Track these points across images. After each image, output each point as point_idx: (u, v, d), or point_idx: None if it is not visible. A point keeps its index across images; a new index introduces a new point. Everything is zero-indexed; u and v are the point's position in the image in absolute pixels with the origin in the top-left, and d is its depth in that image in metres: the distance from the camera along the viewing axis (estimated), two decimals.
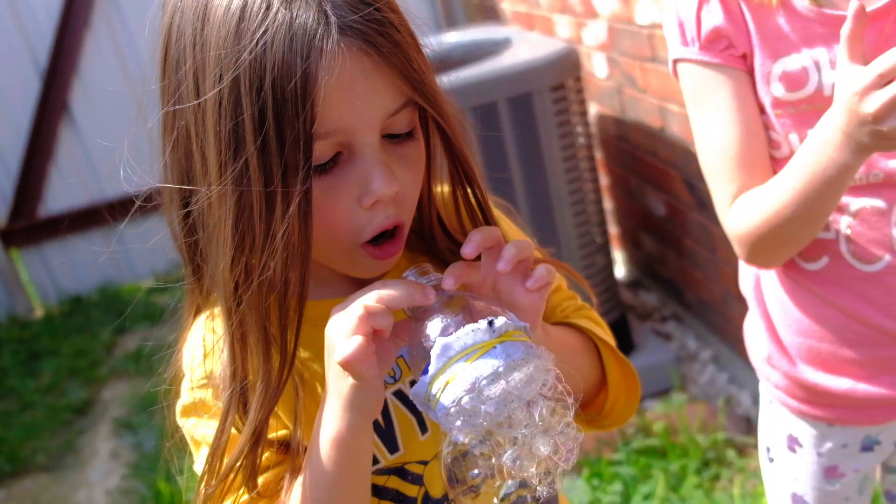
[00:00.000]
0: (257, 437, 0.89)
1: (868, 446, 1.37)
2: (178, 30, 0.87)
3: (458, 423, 0.78)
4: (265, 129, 0.80)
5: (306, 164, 0.81)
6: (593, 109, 3.52)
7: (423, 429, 1.01)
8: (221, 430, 0.91)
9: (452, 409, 0.79)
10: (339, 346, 0.80)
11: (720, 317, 2.98)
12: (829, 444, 1.38)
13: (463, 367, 0.79)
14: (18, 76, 4.89)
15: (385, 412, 0.99)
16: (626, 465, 2.59)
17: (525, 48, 2.97)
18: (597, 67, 3.34)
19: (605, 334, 1.10)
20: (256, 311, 0.86)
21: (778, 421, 1.44)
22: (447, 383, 0.79)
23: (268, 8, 0.80)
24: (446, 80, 1.02)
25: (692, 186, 2.83)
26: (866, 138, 1.04)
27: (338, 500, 0.89)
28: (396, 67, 0.84)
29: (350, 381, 0.82)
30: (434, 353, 0.80)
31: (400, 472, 1.01)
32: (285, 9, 0.80)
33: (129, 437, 3.60)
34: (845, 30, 1.03)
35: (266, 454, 0.94)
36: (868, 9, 1.14)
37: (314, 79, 0.79)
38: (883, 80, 0.99)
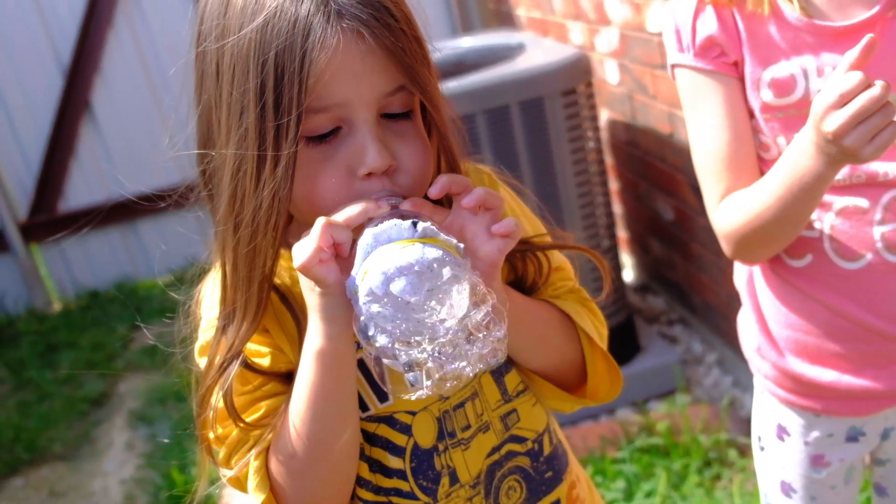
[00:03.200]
0: (230, 361, 0.99)
1: (853, 437, 1.43)
2: (207, 15, 0.98)
3: (373, 308, 0.84)
4: (264, 98, 0.91)
5: (296, 130, 0.91)
6: (605, 115, 3.57)
7: None
8: (209, 360, 1.01)
9: (366, 295, 0.84)
10: (296, 255, 0.89)
11: (726, 321, 3.03)
12: (815, 434, 1.43)
13: (381, 255, 0.85)
14: (42, 74, 4.98)
15: (377, 362, 1.07)
16: (630, 463, 2.64)
17: (538, 53, 3.03)
18: (609, 73, 3.39)
19: (592, 321, 1.16)
20: (246, 252, 0.97)
21: (768, 410, 1.50)
22: (366, 273, 0.85)
23: None
24: (460, 83, 1.09)
25: (699, 192, 2.87)
26: (833, 152, 1.11)
27: (321, 414, 0.98)
28: (389, 51, 0.92)
29: (317, 290, 0.92)
30: (361, 243, 0.87)
31: (389, 420, 1.09)
32: None
33: (144, 429, 3.67)
34: (850, 56, 1.09)
35: (269, 385, 1.04)
36: (857, 19, 1.21)
37: (311, 56, 0.89)
38: (844, 100, 1.06)
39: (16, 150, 5.07)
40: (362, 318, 0.86)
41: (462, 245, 0.89)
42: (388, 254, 0.85)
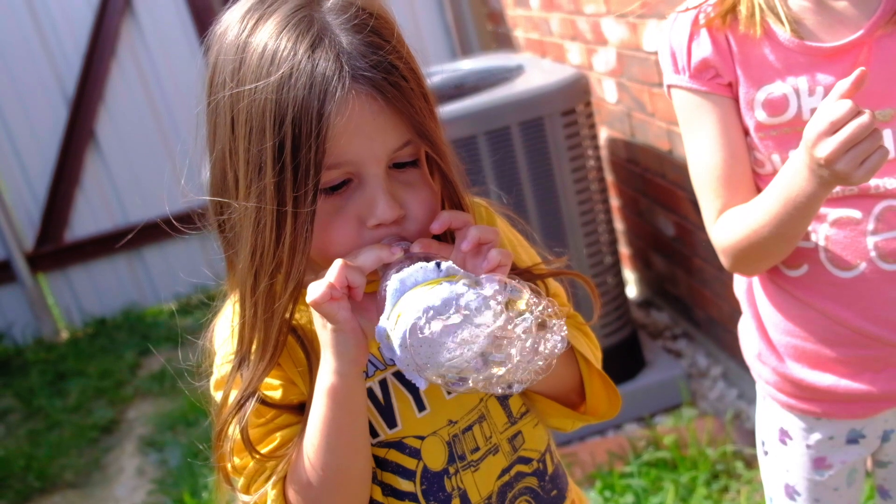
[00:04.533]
0: (245, 400, 1.04)
1: (853, 439, 1.47)
2: (220, 66, 1.01)
3: (409, 349, 0.89)
4: (283, 158, 0.94)
5: (314, 190, 0.95)
6: (604, 133, 3.62)
7: (420, 407, 1.13)
8: (222, 398, 1.06)
9: (401, 337, 0.89)
10: (310, 292, 0.95)
11: (729, 334, 3.05)
12: (816, 436, 1.47)
13: (413, 298, 0.90)
14: (47, 105, 5.05)
15: (385, 391, 1.12)
16: (638, 477, 2.66)
17: (537, 74, 3.08)
18: (607, 92, 3.44)
19: (587, 344, 1.21)
20: (265, 298, 1.01)
21: (770, 415, 1.54)
22: (399, 316, 0.90)
23: (294, 55, 0.95)
24: (461, 105, 1.14)
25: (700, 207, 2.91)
26: (825, 175, 1.16)
27: (334, 447, 1.02)
28: (400, 111, 0.97)
29: (329, 327, 0.97)
30: (389, 289, 0.92)
31: (398, 445, 1.13)
32: (308, 58, 0.94)
33: (155, 455, 3.69)
34: (841, 87, 1.14)
35: (283, 416, 1.08)
36: (845, 40, 1.25)
37: (327, 119, 0.94)
38: (834, 128, 1.12)
39: (22, 180, 5.13)
40: (399, 360, 0.91)
41: (479, 278, 0.94)
42: (419, 296, 0.90)
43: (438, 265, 0.93)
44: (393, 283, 0.93)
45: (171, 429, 3.83)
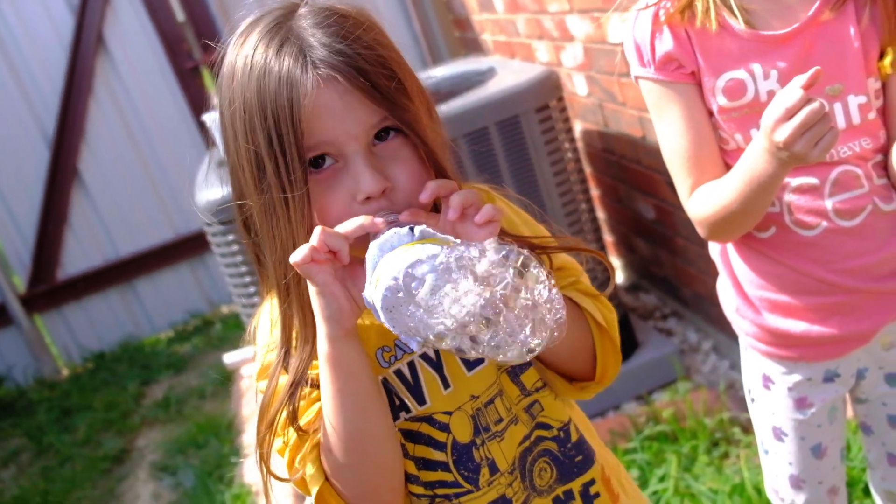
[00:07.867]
0: (295, 387, 1.12)
1: (829, 378, 1.61)
2: (221, 88, 1.15)
3: (390, 312, 0.94)
4: (273, 150, 1.07)
5: (304, 170, 1.07)
6: (578, 126, 3.72)
7: (446, 385, 1.22)
8: (268, 386, 1.15)
9: (381, 300, 0.94)
10: (294, 255, 1.04)
11: (716, 308, 3.13)
12: (796, 378, 1.61)
13: (387, 262, 0.96)
14: (29, 148, 5.11)
15: (413, 371, 1.22)
16: (641, 452, 2.76)
17: (508, 75, 3.17)
18: (577, 86, 3.54)
19: (598, 307, 1.28)
20: (297, 291, 1.11)
21: (753, 364, 1.68)
22: (377, 281, 0.96)
23: (266, 61, 1.08)
24: (439, 111, 1.24)
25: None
26: (784, 157, 1.29)
27: (340, 410, 1.11)
28: (362, 89, 1.07)
29: (314, 290, 1.05)
30: (369, 257, 0.99)
31: (429, 420, 1.22)
32: (276, 58, 1.07)
33: (168, 479, 3.76)
34: (798, 82, 1.26)
35: (315, 393, 1.16)
36: (793, 26, 1.40)
37: (298, 104, 1.05)
38: (790, 114, 1.24)
39: (10, 223, 5.18)
40: (389, 325, 0.96)
41: (459, 240, 1.00)
42: (393, 259, 0.96)
43: (412, 229, 0.99)
44: (371, 250, 1.00)
45: (181, 452, 3.89)
